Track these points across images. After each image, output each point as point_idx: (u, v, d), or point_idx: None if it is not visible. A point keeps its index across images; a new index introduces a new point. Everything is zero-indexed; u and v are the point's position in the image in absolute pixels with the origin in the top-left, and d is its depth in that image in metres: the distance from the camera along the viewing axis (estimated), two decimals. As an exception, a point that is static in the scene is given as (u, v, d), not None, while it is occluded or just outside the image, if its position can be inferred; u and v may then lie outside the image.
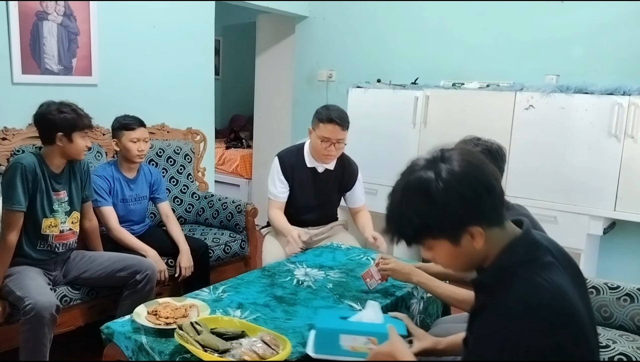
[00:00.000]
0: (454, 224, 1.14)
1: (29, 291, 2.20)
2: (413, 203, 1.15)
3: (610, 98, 3.03)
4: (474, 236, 1.15)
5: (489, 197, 1.14)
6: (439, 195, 1.12)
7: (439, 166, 1.15)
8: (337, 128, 2.73)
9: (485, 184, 1.14)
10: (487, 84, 3.53)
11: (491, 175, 1.17)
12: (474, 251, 1.17)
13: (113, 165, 2.89)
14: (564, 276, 1.16)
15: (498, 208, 1.17)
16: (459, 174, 1.13)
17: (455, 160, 1.15)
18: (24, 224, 2.32)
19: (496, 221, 1.17)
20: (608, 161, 3.05)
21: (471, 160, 1.17)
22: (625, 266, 3.37)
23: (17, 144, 2.87)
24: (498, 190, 1.17)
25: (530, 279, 1.11)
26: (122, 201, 2.88)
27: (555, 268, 1.16)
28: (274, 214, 2.86)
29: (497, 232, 1.18)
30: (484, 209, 1.14)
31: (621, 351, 1.93)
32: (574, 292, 1.14)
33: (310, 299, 2.10)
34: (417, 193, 1.15)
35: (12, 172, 2.26)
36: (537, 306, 1.07)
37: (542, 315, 1.07)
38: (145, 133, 2.88)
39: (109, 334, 1.83)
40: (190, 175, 3.65)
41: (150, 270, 2.56)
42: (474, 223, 1.14)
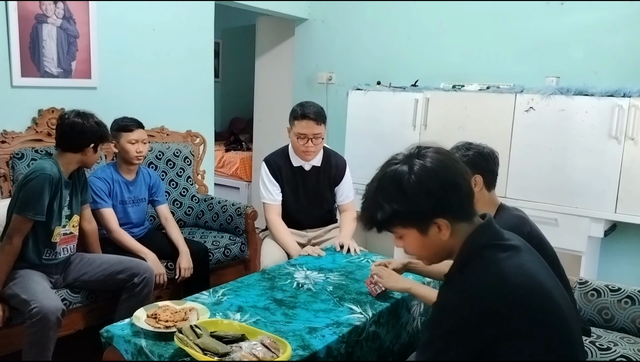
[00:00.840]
0: (422, 214, 1.25)
1: (35, 295, 2.20)
2: (387, 193, 1.26)
3: (611, 100, 3.03)
4: (441, 228, 1.26)
5: (455, 193, 1.26)
6: (409, 187, 1.24)
7: (413, 161, 1.27)
8: (312, 123, 2.72)
9: (452, 181, 1.26)
10: (487, 86, 3.53)
11: (460, 175, 1.28)
12: (441, 241, 1.28)
13: (112, 167, 2.89)
14: (531, 259, 1.27)
15: (465, 204, 1.28)
16: (429, 170, 1.25)
17: (428, 158, 1.27)
18: (35, 232, 2.33)
19: (463, 216, 1.28)
20: (608, 163, 3.04)
21: (443, 159, 1.28)
22: (626, 268, 3.37)
23: (17, 147, 2.87)
24: (465, 188, 1.28)
25: (494, 259, 1.23)
26: (122, 203, 2.88)
27: (521, 251, 1.27)
28: (274, 221, 2.84)
29: (464, 226, 1.29)
30: (450, 204, 1.25)
31: (622, 353, 1.93)
32: (542, 274, 1.25)
33: (310, 302, 2.09)
34: (391, 184, 1.26)
35: (40, 183, 2.26)
36: (500, 283, 1.19)
37: (504, 291, 1.17)
38: (144, 134, 2.88)
39: (108, 337, 1.82)
40: (189, 178, 3.64)
41: (148, 273, 2.55)
42: (440, 216, 1.25)
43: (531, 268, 1.25)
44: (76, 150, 2.39)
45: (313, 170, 2.90)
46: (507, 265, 1.22)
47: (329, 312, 2.00)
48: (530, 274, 1.23)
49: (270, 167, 2.86)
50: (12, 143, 2.88)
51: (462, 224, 1.28)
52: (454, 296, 1.25)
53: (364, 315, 1.99)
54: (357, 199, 3.16)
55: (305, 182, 2.90)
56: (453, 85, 3.65)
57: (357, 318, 1.96)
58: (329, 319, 1.94)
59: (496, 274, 1.21)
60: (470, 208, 1.30)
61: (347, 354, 1.86)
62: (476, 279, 1.22)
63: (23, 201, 2.27)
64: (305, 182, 2.90)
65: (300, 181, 2.89)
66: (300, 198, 2.90)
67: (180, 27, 3.77)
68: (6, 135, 2.87)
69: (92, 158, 2.45)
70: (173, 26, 3.72)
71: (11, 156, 2.83)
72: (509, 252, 1.26)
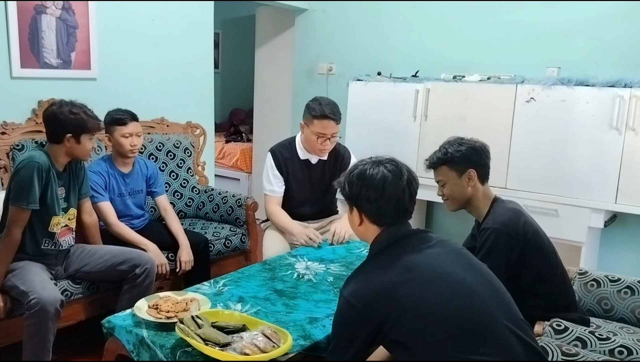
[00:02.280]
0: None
1: (33, 286, 2.20)
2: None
3: (612, 90, 3.02)
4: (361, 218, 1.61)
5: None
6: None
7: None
8: (332, 123, 2.72)
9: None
10: (488, 77, 3.51)
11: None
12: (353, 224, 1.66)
13: (107, 161, 2.87)
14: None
15: (380, 209, 1.56)
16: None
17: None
18: (31, 221, 2.33)
19: (373, 217, 1.58)
20: (609, 154, 3.04)
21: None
22: (626, 258, 3.37)
23: (17, 139, 2.87)
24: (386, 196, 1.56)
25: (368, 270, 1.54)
26: (120, 195, 2.87)
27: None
28: (274, 210, 2.85)
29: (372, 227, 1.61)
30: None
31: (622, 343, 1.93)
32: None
33: (311, 292, 2.10)
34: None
35: (29, 172, 2.25)
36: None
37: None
38: (138, 127, 2.84)
39: (110, 328, 1.83)
40: (190, 169, 3.64)
41: (149, 264, 2.56)
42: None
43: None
44: (56, 141, 2.35)
45: (319, 163, 2.90)
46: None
47: (329, 303, 2.01)
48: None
49: (276, 158, 2.86)
50: (12, 134, 2.88)
51: (371, 224, 1.59)
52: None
53: (365, 305, 1.99)
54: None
55: (311, 175, 2.90)
56: (454, 75, 3.64)
57: (358, 308, 1.97)
58: (330, 310, 1.95)
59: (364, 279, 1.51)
60: (385, 215, 1.56)
61: (347, 344, 1.87)
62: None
63: (15, 192, 2.27)
64: (311, 175, 2.90)
65: (306, 173, 2.89)
66: (305, 190, 2.90)
67: (180, 18, 3.75)
68: (6, 127, 2.87)
69: (78, 149, 2.37)
70: (172, 17, 3.70)
71: (11, 147, 2.83)
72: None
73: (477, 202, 2.06)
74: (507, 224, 1.94)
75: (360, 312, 1.44)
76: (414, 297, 1.41)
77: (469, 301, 1.42)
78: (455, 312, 1.39)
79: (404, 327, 1.41)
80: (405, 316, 1.40)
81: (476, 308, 1.42)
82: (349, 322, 1.48)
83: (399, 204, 1.55)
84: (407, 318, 1.40)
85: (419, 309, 1.40)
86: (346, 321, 1.50)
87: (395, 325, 1.41)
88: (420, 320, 1.39)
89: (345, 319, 1.50)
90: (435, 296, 1.41)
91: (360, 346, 1.48)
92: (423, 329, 1.39)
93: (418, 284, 1.43)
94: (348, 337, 1.49)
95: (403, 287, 1.42)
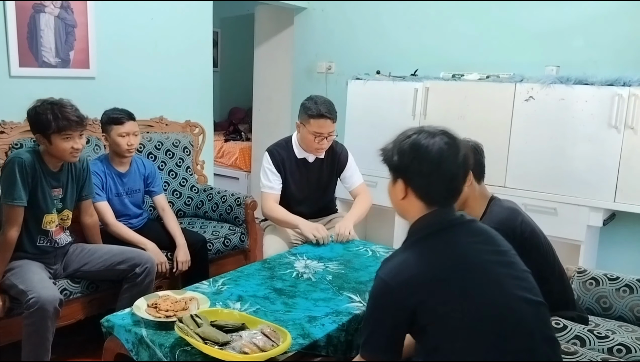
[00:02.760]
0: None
1: (32, 285, 2.20)
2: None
3: (611, 89, 3.02)
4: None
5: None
6: None
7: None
8: (328, 122, 2.71)
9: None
10: (487, 75, 3.52)
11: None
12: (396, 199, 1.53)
13: (104, 160, 2.86)
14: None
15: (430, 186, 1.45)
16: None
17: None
18: (26, 219, 2.32)
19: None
20: (608, 152, 3.04)
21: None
22: (624, 257, 3.38)
23: (15, 138, 2.86)
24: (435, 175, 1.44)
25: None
26: (117, 195, 2.86)
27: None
28: (273, 207, 2.83)
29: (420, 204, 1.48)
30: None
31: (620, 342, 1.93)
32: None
33: (310, 291, 2.10)
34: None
35: (11, 167, 2.25)
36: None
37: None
38: (135, 127, 2.82)
39: (109, 327, 1.83)
40: (189, 168, 3.64)
41: (149, 263, 2.56)
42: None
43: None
44: (37, 140, 2.33)
45: (316, 161, 2.89)
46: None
47: (328, 301, 2.01)
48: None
49: (273, 157, 2.85)
50: (11, 133, 2.87)
51: (417, 200, 1.46)
52: None
53: (363, 304, 2.00)
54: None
55: (308, 174, 2.90)
56: (453, 74, 3.64)
57: (357, 307, 1.97)
58: (329, 308, 1.95)
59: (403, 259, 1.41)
60: (436, 193, 1.44)
61: (346, 342, 1.87)
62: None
63: (3, 189, 2.28)
64: (308, 174, 2.90)
65: (304, 172, 2.89)
66: (303, 189, 2.90)
67: (179, 16, 3.75)
68: (4, 126, 2.87)
69: (53, 150, 2.29)
70: (171, 15, 3.70)
71: (10, 146, 2.82)
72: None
73: (473, 202, 2.06)
74: (504, 223, 1.94)
75: (396, 293, 1.35)
76: (454, 296, 1.33)
77: (512, 320, 1.34)
78: (494, 327, 1.32)
79: (439, 328, 1.33)
80: (442, 311, 1.33)
81: (518, 331, 1.34)
82: (385, 304, 1.38)
83: (453, 182, 1.43)
84: (444, 315, 1.33)
85: (457, 310, 1.32)
86: (381, 303, 1.39)
87: (427, 314, 1.33)
88: (457, 322, 1.32)
89: (381, 301, 1.40)
90: (477, 305, 1.33)
91: (396, 331, 1.39)
92: (456, 333, 1.32)
93: (460, 283, 1.35)
94: (383, 321, 1.39)
95: (445, 284, 1.34)
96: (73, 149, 2.30)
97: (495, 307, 1.34)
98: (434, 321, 1.34)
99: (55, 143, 2.28)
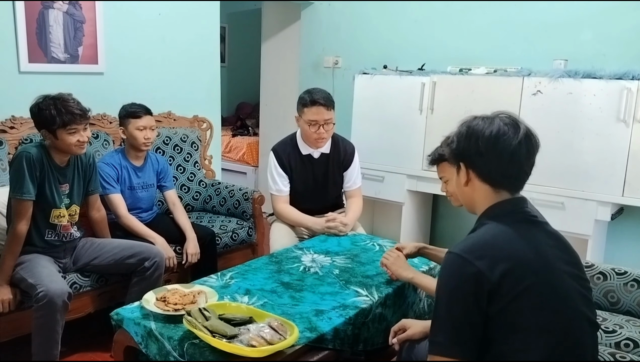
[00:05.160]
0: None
1: (41, 279, 2.22)
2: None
3: (619, 83, 3.00)
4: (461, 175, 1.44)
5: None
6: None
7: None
8: (322, 109, 2.71)
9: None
10: (495, 70, 3.50)
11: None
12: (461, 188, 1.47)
13: (120, 153, 2.91)
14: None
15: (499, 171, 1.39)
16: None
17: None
18: (34, 213, 2.34)
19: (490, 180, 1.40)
20: (616, 147, 3.02)
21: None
22: (632, 251, 3.36)
23: (25, 133, 2.89)
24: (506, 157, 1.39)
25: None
26: (130, 188, 2.90)
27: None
28: (284, 209, 2.86)
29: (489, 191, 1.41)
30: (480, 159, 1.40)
31: (628, 336, 1.94)
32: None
33: (317, 285, 2.11)
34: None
35: (19, 162, 2.28)
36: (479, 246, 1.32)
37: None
38: (152, 121, 2.89)
39: (118, 320, 1.85)
40: (197, 163, 3.66)
41: (158, 257, 2.58)
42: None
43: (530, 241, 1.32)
44: (42, 135, 2.35)
45: (322, 157, 2.90)
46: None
47: (335, 295, 2.02)
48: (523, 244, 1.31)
49: (279, 157, 2.86)
50: (21, 129, 2.90)
51: (482, 183, 1.40)
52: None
53: (370, 298, 2.01)
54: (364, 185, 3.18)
55: (314, 170, 2.90)
56: (460, 68, 3.63)
57: (363, 300, 1.98)
58: (336, 302, 1.96)
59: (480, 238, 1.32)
60: (498, 173, 1.38)
61: (353, 335, 1.88)
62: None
63: (11, 184, 2.31)
64: (314, 170, 2.90)
65: (309, 168, 2.89)
66: (309, 186, 2.91)
67: (186, 12, 3.76)
68: (14, 121, 2.89)
69: (59, 144, 2.32)
70: (179, 11, 3.71)
71: (20, 141, 2.85)
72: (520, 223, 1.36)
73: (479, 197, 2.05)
74: None
75: (476, 270, 1.23)
76: (527, 292, 1.24)
77: (573, 337, 1.29)
78: (555, 338, 1.25)
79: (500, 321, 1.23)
80: (513, 305, 1.23)
81: (575, 350, 1.28)
82: (461, 284, 1.25)
83: (514, 159, 1.36)
84: (519, 304, 1.23)
85: (526, 307, 1.23)
86: (457, 283, 1.26)
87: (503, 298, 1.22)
88: (520, 318, 1.23)
89: (457, 281, 1.26)
90: (545, 310, 1.25)
91: (475, 316, 1.23)
92: (515, 331, 1.24)
93: (536, 279, 1.25)
94: (460, 306, 1.25)
95: (524, 270, 1.24)
96: (79, 142, 2.34)
97: (562, 319, 1.27)
98: (502, 311, 1.23)
99: (61, 138, 2.30)
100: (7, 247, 2.30)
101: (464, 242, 1.32)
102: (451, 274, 1.29)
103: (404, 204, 3.81)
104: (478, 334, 1.25)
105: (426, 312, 2.34)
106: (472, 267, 1.24)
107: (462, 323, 1.25)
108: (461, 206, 2.07)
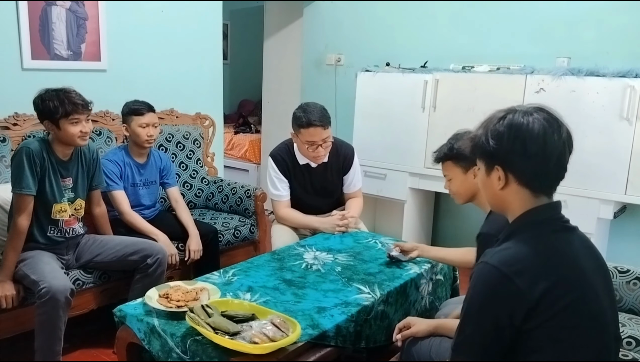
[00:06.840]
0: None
1: (43, 275, 2.23)
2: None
3: (622, 81, 2.99)
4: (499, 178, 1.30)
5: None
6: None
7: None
8: (319, 129, 2.65)
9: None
10: (497, 67, 3.49)
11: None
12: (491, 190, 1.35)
13: (124, 150, 2.91)
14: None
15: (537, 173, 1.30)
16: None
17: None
18: (36, 208, 2.35)
19: (529, 183, 1.29)
20: (619, 145, 3.02)
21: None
22: (635, 250, 3.36)
23: (28, 130, 2.90)
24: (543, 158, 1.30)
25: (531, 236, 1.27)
26: (133, 185, 2.90)
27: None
28: (288, 213, 2.86)
29: (526, 195, 1.30)
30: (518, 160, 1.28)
31: (630, 334, 1.94)
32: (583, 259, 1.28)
33: (319, 282, 2.12)
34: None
35: (19, 156, 2.28)
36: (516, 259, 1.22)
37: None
38: (155, 118, 2.89)
39: (121, 316, 1.86)
40: (199, 160, 3.66)
41: (161, 254, 2.58)
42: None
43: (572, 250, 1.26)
44: (45, 128, 2.38)
45: (320, 166, 2.87)
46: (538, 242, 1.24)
47: (337, 292, 2.02)
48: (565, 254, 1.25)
49: (278, 163, 2.85)
50: (24, 125, 2.90)
51: (522, 188, 1.28)
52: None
53: (372, 295, 2.01)
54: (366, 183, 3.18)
55: (312, 179, 2.89)
56: (463, 66, 3.62)
57: (365, 298, 1.99)
58: (338, 299, 1.96)
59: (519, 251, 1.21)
60: (546, 176, 1.30)
61: (355, 333, 1.89)
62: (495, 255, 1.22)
63: (12, 178, 2.31)
64: (312, 179, 2.89)
65: (307, 178, 2.88)
66: (309, 193, 2.90)
67: (189, 9, 3.76)
68: (18, 118, 2.90)
69: (62, 135, 2.33)
70: (182, 8, 3.71)
71: (23, 138, 2.85)
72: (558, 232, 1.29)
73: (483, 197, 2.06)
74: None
75: (516, 289, 1.15)
76: (565, 307, 1.17)
77: (602, 358, 1.24)
78: (585, 355, 1.20)
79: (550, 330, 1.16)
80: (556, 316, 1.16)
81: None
82: (497, 300, 1.17)
83: (560, 162, 1.29)
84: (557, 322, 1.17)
85: (564, 324, 1.17)
86: (492, 299, 1.18)
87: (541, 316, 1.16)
88: (555, 332, 1.17)
89: (492, 296, 1.18)
90: (582, 327, 1.20)
91: (505, 334, 1.17)
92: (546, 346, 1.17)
93: (574, 295, 1.19)
94: (490, 321, 1.18)
95: (563, 285, 1.18)
96: (82, 133, 2.35)
97: (593, 338, 1.22)
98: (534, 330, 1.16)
99: (64, 128, 2.32)
100: (8, 242, 2.31)
101: (501, 253, 1.22)
102: (487, 288, 1.20)
103: (406, 201, 3.82)
104: (504, 351, 1.20)
105: (428, 309, 2.34)
106: (511, 285, 1.16)
107: (491, 340, 1.19)
108: (464, 204, 2.08)
